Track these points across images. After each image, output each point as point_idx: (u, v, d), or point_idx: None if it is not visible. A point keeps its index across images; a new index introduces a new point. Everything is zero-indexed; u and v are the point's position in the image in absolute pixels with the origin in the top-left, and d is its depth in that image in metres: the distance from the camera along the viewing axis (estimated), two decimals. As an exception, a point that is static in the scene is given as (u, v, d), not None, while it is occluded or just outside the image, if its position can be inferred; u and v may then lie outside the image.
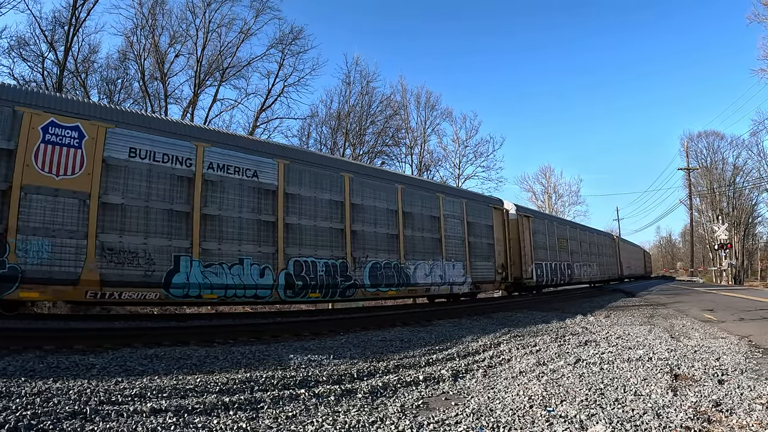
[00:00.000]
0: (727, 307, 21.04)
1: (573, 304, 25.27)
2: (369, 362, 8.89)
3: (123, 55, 35.61)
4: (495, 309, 19.96)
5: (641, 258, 68.51)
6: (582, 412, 5.89)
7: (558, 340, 11.95)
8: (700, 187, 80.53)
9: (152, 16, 35.38)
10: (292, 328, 12.61)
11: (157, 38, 35.61)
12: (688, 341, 11.73)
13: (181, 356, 8.50)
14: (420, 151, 52.01)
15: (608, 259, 50.64)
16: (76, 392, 5.79)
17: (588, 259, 42.71)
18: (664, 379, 7.64)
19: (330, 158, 20.16)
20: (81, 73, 33.25)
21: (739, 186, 75.39)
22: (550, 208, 77.96)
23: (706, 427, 5.39)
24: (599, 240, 48.48)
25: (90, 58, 34.35)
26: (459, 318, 16.78)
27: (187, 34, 36.74)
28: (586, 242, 42.87)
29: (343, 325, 13.49)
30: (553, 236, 33.83)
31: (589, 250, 43.49)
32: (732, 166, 77.05)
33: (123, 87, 35.87)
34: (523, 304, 23.33)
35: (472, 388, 7.53)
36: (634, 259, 68.47)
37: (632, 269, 66.21)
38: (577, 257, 39.27)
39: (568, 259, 36.43)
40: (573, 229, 40.91)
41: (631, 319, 17.13)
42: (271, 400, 6.18)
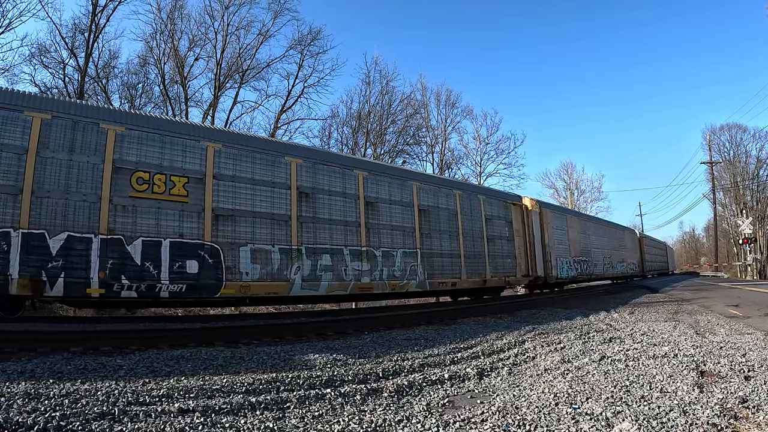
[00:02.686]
0: (752, 303, 20.90)
1: (596, 300, 25.17)
2: (394, 361, 8.90)
3: (143, 60, 35.82)
4: (518, 307, 19.92)
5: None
6: (608, 410, 5.87)
7: (582, 337, 11.90)
8: (723, 181, 79.71)
9: (171, 20, 35.57)
10: (316, 327, 12.65)
11: (176, 42, 35.79)
12: (714, 337, 11.65)
13: (207, 357, 8.56)
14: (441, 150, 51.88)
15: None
16: (104, 393, 5.84)
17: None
18: (690, 375, 7.59)
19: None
20: (102, 78, 33.46)
21: (763, 179, 74.46)
22: (572, 204, 77.46)
23: (733, 424, 5.35)
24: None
25: (110, 63, 34.55)
26: (483, 316, 16.78)
27: (206, 38, 36.90)
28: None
29: (367, 324, 13.53)
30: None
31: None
32: (755, 159, 75.92)
33: (144, 91, 36.08)
34: (547, 301, 23.28)
35: (498, 386, 7.52)
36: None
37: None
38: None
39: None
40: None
41: (655, 316, 17.03)
42: (297, 399, 6.20)
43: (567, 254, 31.73)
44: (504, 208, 24.49)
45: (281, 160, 14.31)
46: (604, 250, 39.97)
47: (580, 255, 33.89)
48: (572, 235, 32.73)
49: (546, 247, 28.19)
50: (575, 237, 33.58)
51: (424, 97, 52.01)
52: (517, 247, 24.75)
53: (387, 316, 15.28)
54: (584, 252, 34.99)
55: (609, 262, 40.92)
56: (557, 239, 30.42)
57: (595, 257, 37.64)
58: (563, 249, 31.28)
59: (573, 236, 32.88)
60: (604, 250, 40.21)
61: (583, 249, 34.98)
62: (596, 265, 37.00)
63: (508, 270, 23.55)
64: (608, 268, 40.90)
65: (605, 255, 40.42)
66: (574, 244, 33.00)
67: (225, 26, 37.17)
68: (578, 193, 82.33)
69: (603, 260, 39.19)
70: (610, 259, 41.35)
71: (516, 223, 25.18)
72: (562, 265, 30.45)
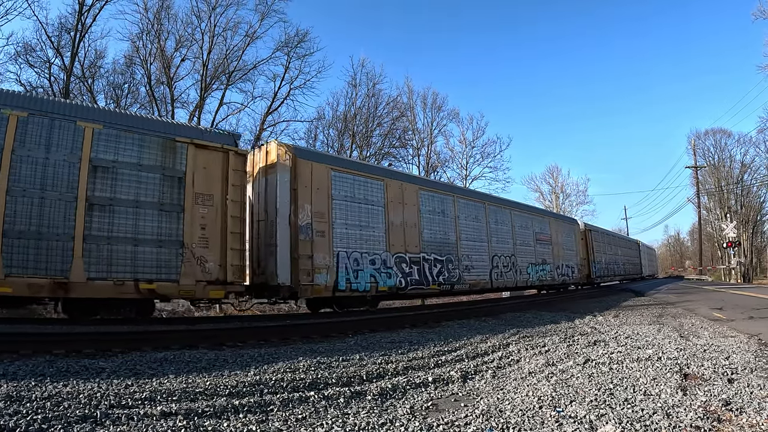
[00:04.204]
0: (736, 306, 21.08)
1: (582, 304, 25.32)
2: (378, 364, 8.91)
3: (129, 60, 35.82)
4: (503, 310, 20.09)
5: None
6: (591, 413, 5.91)
7: (567, 341, 11.96)
8: (707, 185, 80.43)
9: (158, 20, 35.47)
10: (301, 330, 12.62)
11: (162, 43, 35.69)
12: (698, 340, 11.73)
13: (191, 359, 8.53)
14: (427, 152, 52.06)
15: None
16: (86, 396, 5.82)
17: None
18: (673, 378, 7.64)
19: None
20: (88, 78, 33.41)
21: (747, 183, 75.19)
22: (558, 207, 77.79)
23: (716, 427, 5.40)
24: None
25: (96, 63, 34.54)
26: (467, 319, 16.83)
27: (192, 39, 36.83)
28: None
29: (352, 327, 13.52)
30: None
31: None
32: (740, 164, 76.77)
33: (130, 92, 36.05)
34: (531, 304, 23.35)
35: (482, 389, 7.55)
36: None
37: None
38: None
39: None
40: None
41: (640, 319, 17.14)
42: (280, 402, 6.19)
43: (369, 247, 19.59)
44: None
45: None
46: (494, 244, 28.60)
47: (422, 250, 21.97)
48: (393, 216, 20.36)
49: None
50: (407, 219, 22.19)
51: (411, 100, 52.26)
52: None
53: (372, 319, 15.26)
54: (434, 245, 23.02)
55: (509, 264, 29.26)
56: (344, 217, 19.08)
57: (468, 255, 26.19)
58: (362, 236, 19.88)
59: (395, 217, 20.54)
60: (496, 245, 29.88)
61: (432, 240, 23.41)
62: (470, 269, 25.65)
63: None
64: (507, 274, 29.58)
65: (499, 252, 28.75)
66: (396, 230, 20.38)
67: (212, 27, 37.17)
68: (563, 197, 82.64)
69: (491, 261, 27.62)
70: (510, 259, 29.56)
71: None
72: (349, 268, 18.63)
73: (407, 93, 53.00)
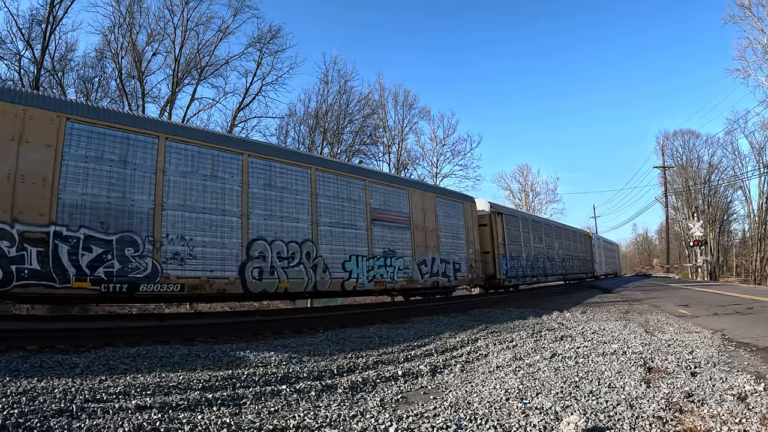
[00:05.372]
0: (701, 303, 21.37)
1: (550, 300, 25.53)
2: (349, 359, 9.04)
3: (100, 54, 35.27)
4: (472, 306, 20.30)
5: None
6: (557, 404, 6.08)
7: (534, 336, 12.13)
8: (675, 185, 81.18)
9: (130, 14, 35.00)
10: (272, 326, 12.72)
11: (134, 36, 35.25)
12: (663, 335, 11.96)
13: (164, 355, 8.58)
14: (398, 150, 52.23)
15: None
16: (61, 391, 5.87)
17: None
18: (637, 372, 7.84)
19: None
20: (58, 71, 32.93)
21: (714, 184, 75.97)
22: (527, 206, 78.26)
23: (678, 417, 5.57)
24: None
25: (67, 56, 33.99)
26: (437, 315, 17.01)
27: (164, 33, 36.44)
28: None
29: (322, 322, 13.66)
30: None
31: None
32: (707, 165, 77.51)
33: (100, 85, 35.55)
34: (500, 301, 23.60)
35: (450, 382, 7.69)
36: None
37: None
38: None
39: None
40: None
41: (606, 315, 17.37)
42: (253, 396, 6.30)
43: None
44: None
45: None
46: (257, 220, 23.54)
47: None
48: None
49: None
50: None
51: (382, 98, 52.37)
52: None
53: (342, 314, 15.46)
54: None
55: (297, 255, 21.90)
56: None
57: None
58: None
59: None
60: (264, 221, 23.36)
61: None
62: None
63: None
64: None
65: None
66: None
67: (184, 21, 36.80)
68: (533, 195, 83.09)
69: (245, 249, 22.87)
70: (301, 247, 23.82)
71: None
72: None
73: (379, 90, 53.15)
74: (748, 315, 16.03)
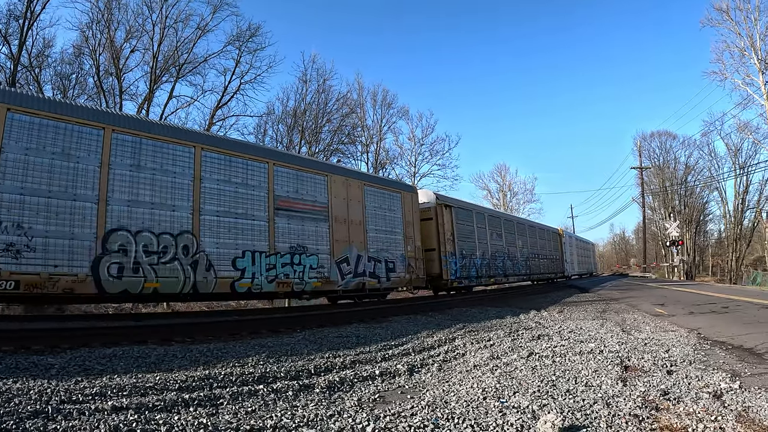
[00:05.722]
0: (677, 302, 21.56)
1: (527, 300, 25.68)
2: (326, 358, 9.04)
3: (78, 50, 34.93)
4: (450, 305, 20.33)
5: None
6: (534, 403, 6.13)
7: (512, 335, 12.21)
8: (652, 186, 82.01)
9: (108, 10, 34.67)
10: (250, 325, 12.67)
11: (112, 33, 34.93)
12: (639, 334, 12.07)
13: (140, 355, 8.53)
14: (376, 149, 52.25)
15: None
16: (36, 392, 5.82)
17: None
18: (614, 370, 7.93)
19: None
20: (35, 67, 32.65)
21: (690, 184, 76.82)
22: (505, 206, 78.60)
23: (654, 415, 5.65)
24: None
25: (44, 52, 33.71)
26: (415, 314, 17.08)
27: (143, 29, 36.15)
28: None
29: (300, 322, 13.60)
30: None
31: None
32: (684, 166, 78.48)
33: (77, 82, 35.25)
34: (477, 300, 23.66)
35: (428, 381, 7.72)
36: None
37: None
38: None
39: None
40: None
41: (583, 314, 17.49)
42: (230, 396, 6.29)
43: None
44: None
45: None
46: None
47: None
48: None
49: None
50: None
51: (361, 97, 52.36)
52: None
53: (320, 314, 15.41)
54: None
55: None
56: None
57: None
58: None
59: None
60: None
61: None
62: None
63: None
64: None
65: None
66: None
67: (163, 18, 36.52)
68: (511, 195, 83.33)
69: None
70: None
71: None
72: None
73: (357, 90, 53.14)
74: (723, 314, 16.19)
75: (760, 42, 46.39)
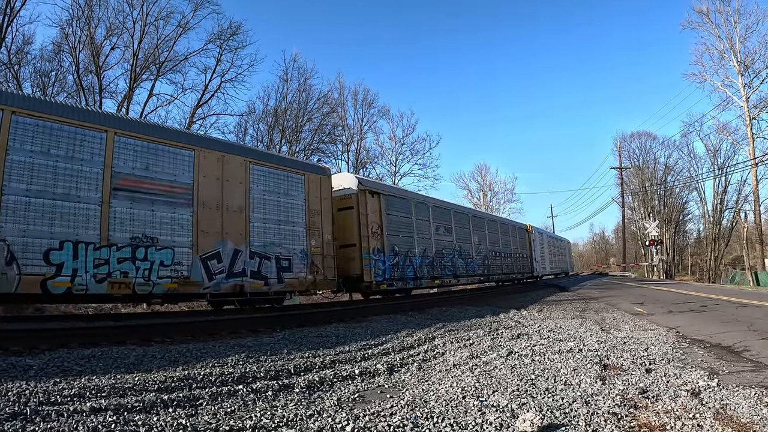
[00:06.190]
0: (656, 301, 21.78)
1: (507, 299, 25.79)
2: (306, 358, 9.04)
3: (57, 47, 34.81)
4: (430, 305, 20.41)
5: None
6: (513, 402, 6.17)
7: (491, 334, 12.27)
8: (632, 186, 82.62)
9: (88, 7, 34.55)
10: (229, 325, 12.63)
11: (92, 30, 34.85)
12: (618, 333, 12.18)
13: (119, 356, 8.48)
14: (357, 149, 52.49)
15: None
16: (14, 394, 5.81)
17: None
18: (593, 369, 8.00)
19: None
20: (14, 64, 32.43)
21: (670, 185, 77.35)
22: (486, 205, 78.84)
23: (633, 413, 5.71)
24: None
25: (24, 49, 33.54)
26: (395, 314, 17.15)
27: (123, 27, 36.05)
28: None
29: (279, 322, 13.62)
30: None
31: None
32: (663, 166, 79.03)
33: (57, 80, 35.04)
34: (457, 300, 23.71)
35: (407, 381, 7.76)
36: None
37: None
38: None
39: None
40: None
41: (563, 313, 17.61)
42: (209, 396, 6.28)
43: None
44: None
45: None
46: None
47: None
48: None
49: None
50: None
51: (342, 96, 52.62)
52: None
53: (299, 314, 15.40)
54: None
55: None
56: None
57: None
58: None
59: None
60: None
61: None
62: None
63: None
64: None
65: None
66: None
67: (144, 16, 36.54)
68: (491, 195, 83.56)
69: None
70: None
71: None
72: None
73: (338, 89, 53.45)
74: (702, 313, 16.37)
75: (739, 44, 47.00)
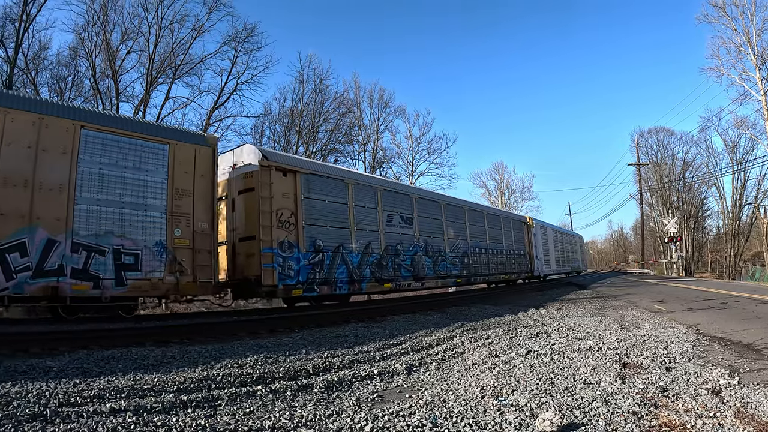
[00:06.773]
0: (676, 298, 21.56)
1: (525, 297, 25.74)
2: (324, 358, 9.02)
3: (74, 52, 35.08)
4: (449, 304, 20.34)
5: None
6: (533, 401, 6.12)
7: (510, 333, 12.20)
8: (650, 182, 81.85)
9: (104, 12, 34.85)
10: (248, 326, 12.66)
11: (108, 35, 35.12)
12: (638, 331, 12.08)
13: (138, 357, 8.51)
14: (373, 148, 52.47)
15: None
16: (35, 395, 5.82)
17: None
18: (613, 367, 7.94)
19: None
20: (31, 70, 32.72)
21: (688, 181, 76.71)
22: (503, 203, 78.63)
23: (653, 412, 5.65)
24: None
25: (40, 55, 33.86)
26: (413, 313, 17.13)
27: (139, 31, 36.32)
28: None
29: (298, 322, 13.64)
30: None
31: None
32: (681, 162, 78.28)
33: (74, 84, 35.33)
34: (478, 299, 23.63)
35: (426, 380, 7.72)
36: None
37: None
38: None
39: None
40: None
41: (582, 311, 17.50)
42: (228, 397, 6.28)
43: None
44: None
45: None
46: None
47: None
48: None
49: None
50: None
51: (357, 96, 52.64)
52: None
53: (317, 314, 15.37)
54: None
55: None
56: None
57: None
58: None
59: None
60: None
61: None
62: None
63: None
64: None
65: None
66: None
67: (159, 20, 36.76)
68: (509, 193, 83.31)
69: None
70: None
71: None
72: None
73: (354, 89, 53.51)
74: (722, 310, 16.22)
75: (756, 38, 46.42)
